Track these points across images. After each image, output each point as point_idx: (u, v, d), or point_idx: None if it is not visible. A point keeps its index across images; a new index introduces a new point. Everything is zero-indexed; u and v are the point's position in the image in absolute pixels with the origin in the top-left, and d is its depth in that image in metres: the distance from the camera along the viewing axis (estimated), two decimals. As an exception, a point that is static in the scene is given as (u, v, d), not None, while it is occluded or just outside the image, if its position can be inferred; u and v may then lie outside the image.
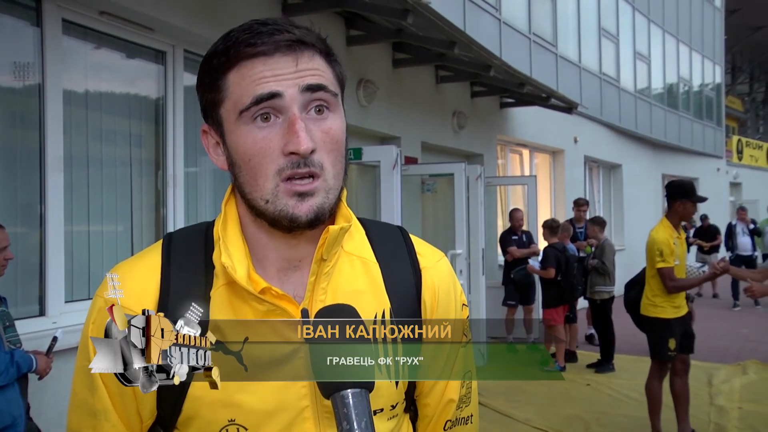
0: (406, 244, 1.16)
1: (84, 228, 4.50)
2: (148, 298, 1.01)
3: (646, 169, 16.64)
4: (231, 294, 1.02)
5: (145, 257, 1.08)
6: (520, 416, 5.95)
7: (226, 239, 1.04)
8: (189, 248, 1.07)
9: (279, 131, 0.97)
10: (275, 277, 1.05)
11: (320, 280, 1.04)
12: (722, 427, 5.75)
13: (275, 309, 1.00)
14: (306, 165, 0.97)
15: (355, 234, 1.13)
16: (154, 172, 5.02)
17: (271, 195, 0.98)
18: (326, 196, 1.00)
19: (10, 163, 4.10)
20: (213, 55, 1.02)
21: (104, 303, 1.00)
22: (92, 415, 1.04)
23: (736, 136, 26.71)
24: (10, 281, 4.06)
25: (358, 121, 7.07)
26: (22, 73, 4.13)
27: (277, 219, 0.99)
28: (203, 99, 1.05)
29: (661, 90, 17.42)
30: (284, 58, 0.98)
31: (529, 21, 10.98)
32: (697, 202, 5.08)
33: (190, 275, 1.03)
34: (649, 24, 16.45)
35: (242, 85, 0.98)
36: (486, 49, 7.44)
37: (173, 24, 4.78)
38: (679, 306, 5.09)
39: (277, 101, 0.97)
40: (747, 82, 34.75)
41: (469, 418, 1.19)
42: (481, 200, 8.00)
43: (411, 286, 1.10)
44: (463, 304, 1.18)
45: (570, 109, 10.69)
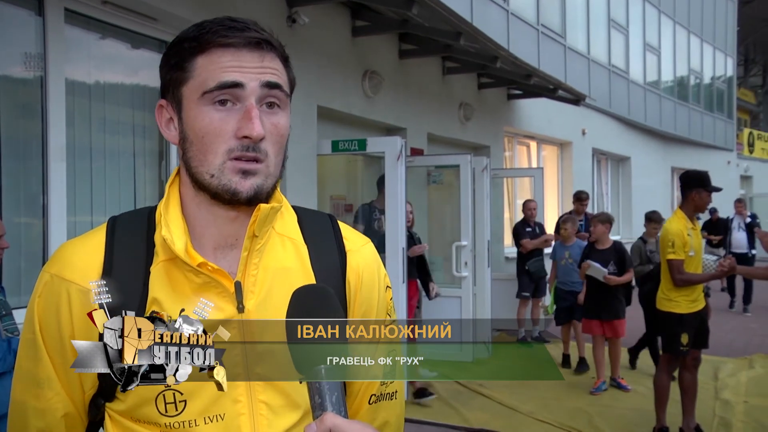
0: (334, 229, 1.25)
1: (87, 218, 4.52)
2: (92, 273, 1.08)
3: (656, 161, 16.54)
4: (169, 268, 1.10)
5: (90, 236, 1.15)
6: (524, 409, 5.94)
7: (167, 217, 1.12)
8: (132, 228, 1.15)
9: (235, 116, 1.07)
10: (211, 255, 1.13)
11: (252, 255, 1.12)
12: (727, 421, 5.72)
13: (211, 281, 1.09)
14: (254, 150, 1.07)
15: (286, 216, 1.22)
16: (157, 163, 5.02)
17: (217, 170, 1.07)
18: (265, 180, 1.09)
19: (14, 153, 4.11)
20: (185, 39, 1.11)
21: (50, 278, 1.10)
22: (36, 384, 1.11)
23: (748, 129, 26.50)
24: (13, 271, 4.08)
25: (364, 111, 7.06)
26: (24, 64, 4.14)
27: (220, 193, 1.08)
28: (167, 76, 1.13)
29: (671, 82, 17.30)
30: (251, 53, 1.08)
31: (537, 12, 10.91)
32: (712, 191, 4.99)
33: (132, 252, 1.12)
34: (660, 15, 16.31)
35: (209, 69, 1.07)
36: (492, 40, 7.40)
37: (176, 14, 4.78)
38: (695, 300, 5.00)
39: (238, 90, 1.06)
40: (760, 75, 34.44)
41: (394, 395, 1.27)
42: (487, 192, 7.97)
43: (336, 266, 1.20)
44: (387, 287, 1.28)
45: (578, 101, 10.63)
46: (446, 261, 8.06)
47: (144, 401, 1.07)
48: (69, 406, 1.12)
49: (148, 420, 1.08)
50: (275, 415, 1.10)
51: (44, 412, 1.11)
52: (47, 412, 1.11)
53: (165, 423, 1.07)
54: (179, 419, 1.07)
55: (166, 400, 1.06)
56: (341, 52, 6.68)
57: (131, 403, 1.08)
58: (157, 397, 1.06)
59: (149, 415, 1.07)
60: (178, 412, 1.06)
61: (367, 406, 1.25)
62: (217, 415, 1.08)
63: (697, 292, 5.05)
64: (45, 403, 1.11)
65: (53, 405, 1.11)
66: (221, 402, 1.08)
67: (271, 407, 1.10)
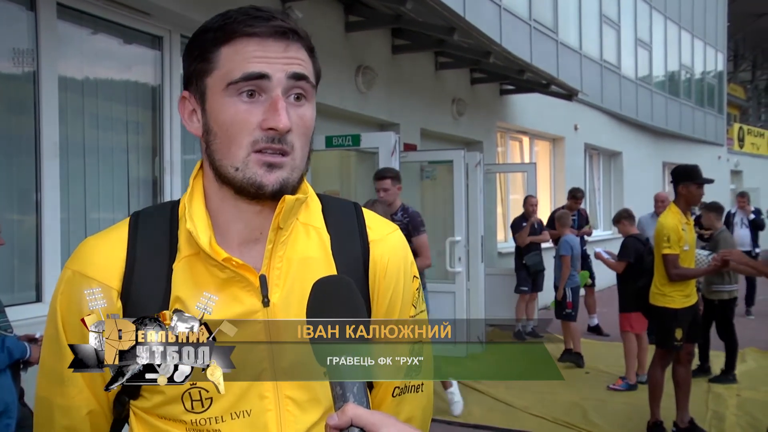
0: (358, 218, 1.22)
1: (80, 215, 4.49)
2: (115, 271, 1.08)
3: (647, 156, 16.60)
4: (194, 262, 1.08)
5: (112, 232, 1.13)
6: (519, 404, 5.96)
7: (191, 210, 1.10)
8: (155, 223, 1.13)
9: (261, 108, 1.04)
10: (236, 250, 1.10)
11: (277, 248, 1.10)
12: (720, 415, 5.75)
13: (235, 276, 1.07)
14: (280, 142, 1.04)
15: (311, 205, 1.19)
16: (151, 159, 4.99)
17: (242, 163, 1.04)
18: (291, 173, 1.07)
19: (6, 149, 4.08)
20: (208, 29, 1.08)
21: (71, 275, 1.10)
22: (60, 381, 1.10)
23: (738, 124, 26.59)
24: (7, 268, 4.06)
25: (357, 107, 7.04)
26: (16, 59, 4.10)
27: (245, 186, 1.05)
28: (190, 67, 1.10)
29: (663, 77, 17.34)
30: (276, 43, 1.06)
31: (529, 7, 10.91)
32: (702, 183, 4.98)
33: (155, 249, 1.10)
34: (651, 10, 16.35)
35: (235, 59, 1.05)
36: (486, 35, 7.39)
37: (170, 9, 4.74)
38: (688, 295, 5.02)
39: (264, 82, 1.04)
40: (749, 70, 34.59)
41: (420, 387, 1.25)
42: (481, 187, 7.97)
43: (358, 256, 1.17)
44: (414, 276, 1.24)
45: (570, 97, 10.65)
46: (439, 256, 8.07)
47: (170, 399, 1.06)
48: (93, 403, 1.11)
49: (174, 417, 1.07)
50: (301, 411, 1.09)
51: (69, 409, 1.11)
52: (72, 410, 1.11)
53: (191, 420, 1.06)
54: (205, 416, 1.06)
55: (192, 397, 1.05)
56: (335, 47, 6.66)
57: (157, 401, 1.07)
58: (183, 394, 1.05)
59: (175, 413, 1.06)
60: (204, 409, 1.06)
61: (390, 398, 1.23)
62: (243, 411, 1.07)
63: (691, 287, 5.07)
64: (69, 401, 1.10)
65: (77, 402, 1.10)
66: (248, 398, 1.07)
67: (298, 402, 1.09)
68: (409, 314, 1.21)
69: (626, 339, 6.51)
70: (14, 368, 3.27)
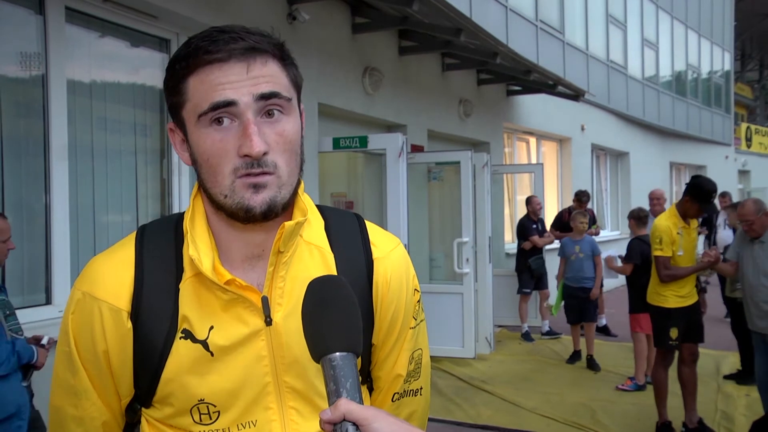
0: (362, 234, 1.23)
1: (89, 217, 4.50)
2: (124, 292, 1.10)
3: (654, 156, 16.55)
4: (198, 284, 1.10)
5: (119, 250, 1.15)
6: (527, 404, 5.95)
7: (193, 232, 1.11)
8: (160, 241, 1.15)
9: (235, 134, 1.04)
10: (240, 267, 1.13)
11: (278, 269, 1.11)
12: (729, 415, 5.73)
13: (238, 298, 1.08)
14: (259, 166, 1.03)
15: (314, 223, 1.19)
16: (159, 161, 5.01)
17: (229, 190, 1.05)
18: (279, 191, 1.06)
19: (15, 152, 4.10)
20: (176, 60, 1.08)
21: (81, 296, 1.11)
22: (74, 394, 1.14)
23: (745, 124, 26.50)
24: (17, 270, 4.07)
25: (364, 109, 7.04)
26: (25, 63, 4.12)
27: (235, 211, 1.06)
28: (168, 101, 1.12)
29: (670, 77, 17.29)
30: (238, 64, 1.04)
31: (536, 8, 10.90)
32: (705, 209, 5.02)
33: (162, 268, 1.12)
34: (658, 10, 16.31)
35: (201, 90, 1.04)
36: (492, 36, 7.39)
37: (177, 12, 4.76)
38: (684, 296, 5.04)
39: (232, 108, 1.03)
40: (757, 69, 34.44)
41: (419, 391, 1.30)
42: (488, 188, 7.97)
43: (363, 274, 1.19)
44: (415, 290, 1.26)
45: (577, 97, 10.63)
46: (447, 257, 8.06)
47: (179, 412, 1.11)
48: (106, 414, 1.15)
49: (183, 428, 1.11)
50: (305, 420, 1.13)
51: (83, 419, 1.15)
52: (85, 420, 1.15)
53: (199, 431, 1.11)
54: (213, 427, 1.10)
55: (201, 411, 1.10)
56: (341, 49, 6.67)
57: (167, 413, 1.12)
58: (191, 408, 1.10)
59: (184, 424, 1.11)
60: (213, 421, 1.10)
61: (390, 402, 1.27)
62: (249, 421, 1.11)
63: (688, 287, 5.08)
64: (83, 412, 1.15)
65: (91, 414, 1.15)
66: (253, 410, 1.11)
67: (301, 413, 1.13)
68: (409, 326, 1.25)
69: (636, 340, 6.49)
70: (25, 370, 3.29)
